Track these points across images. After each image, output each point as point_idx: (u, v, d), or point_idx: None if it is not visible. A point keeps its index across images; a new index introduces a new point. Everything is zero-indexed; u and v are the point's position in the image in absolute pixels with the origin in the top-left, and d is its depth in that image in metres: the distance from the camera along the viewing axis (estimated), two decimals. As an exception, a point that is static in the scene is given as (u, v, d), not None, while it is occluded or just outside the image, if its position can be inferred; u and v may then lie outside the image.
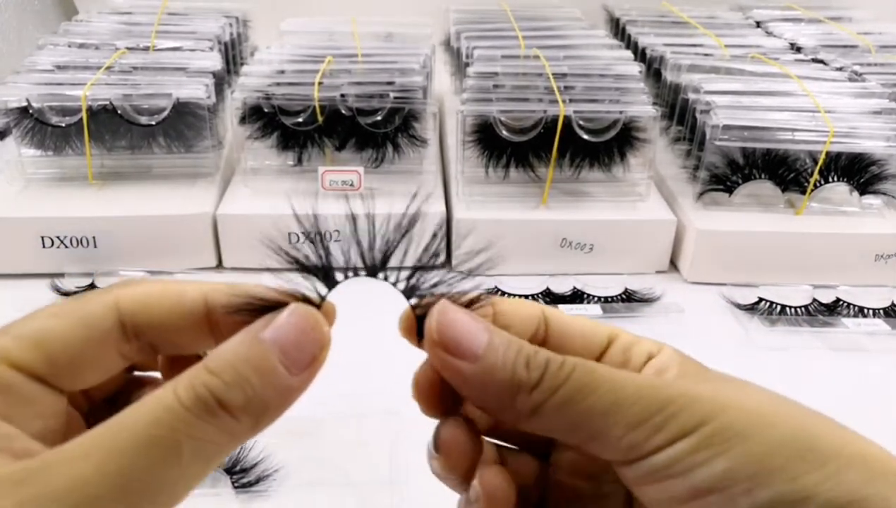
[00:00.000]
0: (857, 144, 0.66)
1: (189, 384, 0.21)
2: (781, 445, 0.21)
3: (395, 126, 0.68)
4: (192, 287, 0.26)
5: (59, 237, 0.65)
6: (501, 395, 0.23)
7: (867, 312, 0.63)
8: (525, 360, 0.23)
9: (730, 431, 0.21)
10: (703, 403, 0.22)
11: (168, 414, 0.20)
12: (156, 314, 0.25)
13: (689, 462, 0.21)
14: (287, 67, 0.73)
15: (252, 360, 0.22)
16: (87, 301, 0.25)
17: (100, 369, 0.25)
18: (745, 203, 0.69)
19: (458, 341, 0.24)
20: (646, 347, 0.27)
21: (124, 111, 0.67)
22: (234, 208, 0.67)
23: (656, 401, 0.22)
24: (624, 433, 0.22)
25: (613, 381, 0.23)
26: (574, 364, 0.23)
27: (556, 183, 0.69)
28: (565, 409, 0.23)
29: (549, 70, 0.72)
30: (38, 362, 0.23)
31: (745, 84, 0.73)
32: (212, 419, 0.21)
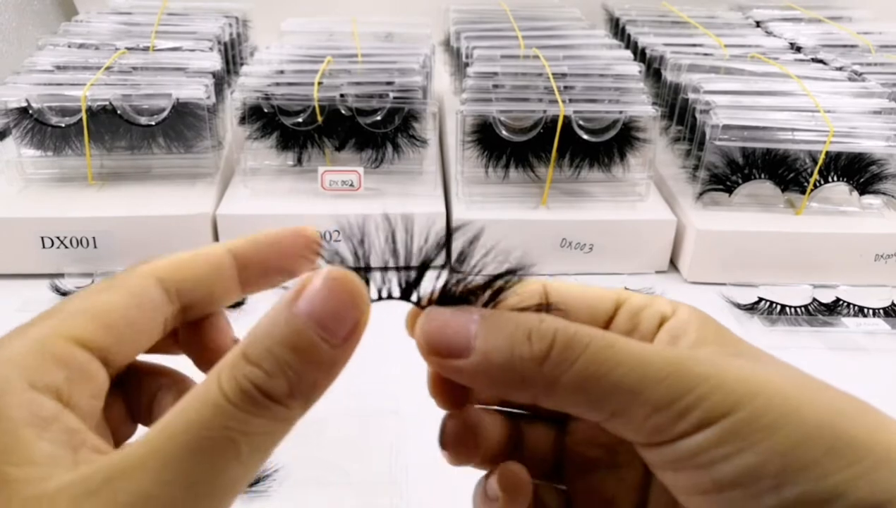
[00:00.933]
0: (857, 144, 0.66)
1: (231, 376, 0.20)
2: (811, 439, 0.20)
3: (394, 126, 0.68)
4: (216, 245, 0.27)
5: (59, 237, 0.65)
6: (509, 377, 0.22)
7: (867, 312, 0.63)
8: (525, 334, 0.22)
9: (758, 423, 0.20)
10: (731, 387, 0.21)
11: (218, 414, 0.20)
12: (191, 273, 0.26)
13: (714, 455, 0.20)
14: (287, 67, 0.73)
15: (289, 341, 0.21)
16: (127, 274, 0.25)
17: (147, 338, 0.25)
18: (744, 203, 0.69)
19: (445, 342, 0.23)
20: (657, 309, 0.26)
21: (124, 111, 0.67)
22: (234, 208, 0.67)
23: (684, 381, 0.21)
24: (648, 414, 0.21)
25: (638, 356, 0.21)
26: (590, 335, 0.22)
27: (556, 183, 0.69)
28: (585, 385, 0.21)
29: (548, 70, 0.72)
30: (100, 337, 0.23)
31: (745, 84, 0.73)
32: (262, 411, 0.20)
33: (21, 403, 0.20)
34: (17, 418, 0.20)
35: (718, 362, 0.22)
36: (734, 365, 0.22)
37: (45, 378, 0.21)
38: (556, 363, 0.22)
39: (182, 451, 0.19)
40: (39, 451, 0.20)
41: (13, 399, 0.20)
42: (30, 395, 0.21)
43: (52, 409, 0.21)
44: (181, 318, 0.27)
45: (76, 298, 0.24)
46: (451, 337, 0.23)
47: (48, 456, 0.20)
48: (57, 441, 0.20)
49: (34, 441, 0.20)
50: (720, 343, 0.24)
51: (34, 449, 0.20)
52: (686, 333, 0.24)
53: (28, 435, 0.20)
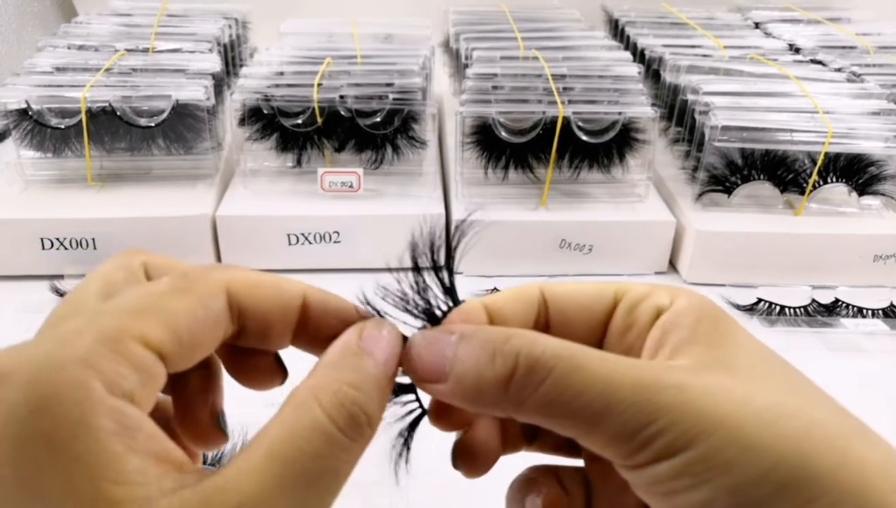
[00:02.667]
0: (856, 145, 0.66)
1: (337, 401, 0.21)
2: (767, 476, 0.20)
3: (394, 127, 0.68)
4: (292, 282, 0.26)
5: (59, 238, 0.65)
6: (479, 400, 0.23)
7: (866, 313, 0.63)
8: (490, 355, 0.22)
9: (714, 459, 0.20)
10: (692, 421, 0.21)
11: (329, 443, 0.20)
12: (260, 301, 0.25)
13: (672, 486, 0.21)
14: (286, 69, 0.73)
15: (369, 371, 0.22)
16: (198, 280, 0.24)
17: (206, 350, 0.24)
18: (744, 204, 0.69)
19: (424, 368, 0.24)
20: (655, 301, 0.26)
21: (124, 113, 0.67)
22: (234, 210, 0.67)
23: (647, 412, 0.21)
24: (611, 441, 0.21)
25: (604, 382, 0.21)
26: (556, 358, 0.22)
27: (556, 184, 0.69)
28: (549, 410, 0.22)
29: (548, 71, 0.72)
30: (168, 341, 0.22)
31: (744, 85, 0.73)
32: (361, 437, 0.21)
33: (105, 411, 0.19)
34: (105, 428, 0.19)
35: (686, 386, 0.21)
36: (701, 389, 0.21)
37: (123, 383, 0.20)
38: (521, 386, 0.22)
39: (297, 481, 0.20)
40: (131, 465, 0.19)
41: (97, 406, 0.19)
42: (112, 402, 0.19)
43: (135, 417, 0.20)
44: (233, 339, 0.26)
45: (139, 296, 0.23)
46: (429, 363, 0.24)
47: (140, 472, 0.19)
48: (144, 453, 0.19)
49: (125, 455, 0.19)
50: (709, 342, 0.24)
51: (126, 464, 0.18)
52: (677, 329, 0.24)
53: (118, 448, 0.19)
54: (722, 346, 0.24)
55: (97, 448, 0.18)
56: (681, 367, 0.23)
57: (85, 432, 0.18)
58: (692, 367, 0.23)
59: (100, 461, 0.18)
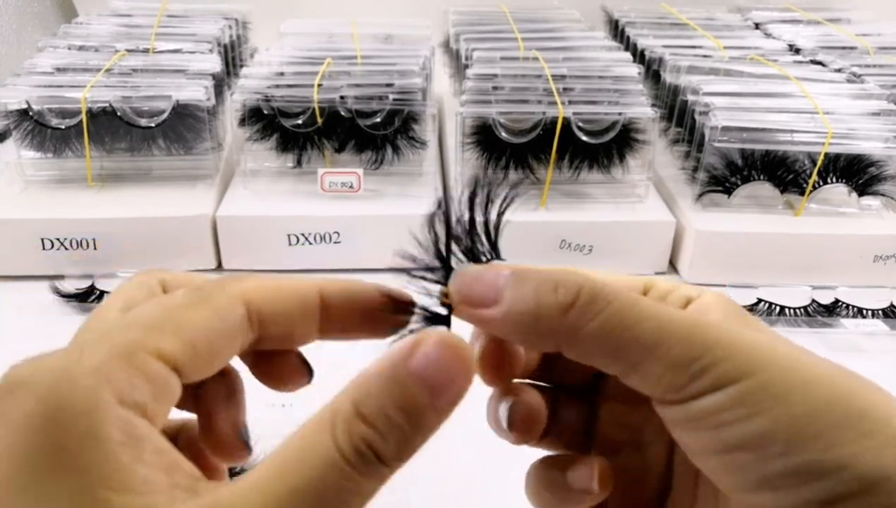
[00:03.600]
0: (856, 145, 0.66)
1: (346, 434, 0.20)
2: (821, 410, 0.20)
3: (394, 128, 0.68)
4: (306, 281, 0.26)
5: (59, 239, 0.65)
6: (535, 326, 0.23)
7: (866, 313, 0.63)
8: (552, 285, 0.23)
9: (771, 389, 0.21)
10: (747, 354, 0.21)
11: (336, 474, 0.20)
12: (280, 306, 0.25)
13: (725, 417, 0.21)
14: (286, 69, 0.73)
15: (403, 404, 0.21)
16: (215, 292, 0.24)
17: (223, 360, 0.24)
18: (744, 204, 0.69)
19: (476, 292, 0.24)
20: (683, 293, 0.27)
21: (124, 113, 0.67)
22: (234, 210, 0.67)
23: (701, 343, 0.21)
24: (664, 372, 0.22)
25: (658, 316, 0.22)
26: (616, 293, 0.22)
27: (556, 184, 0.69)
28: (606, 338, 0.22)
29: (548, 71, 0.72)
30: (182, 354, 0.22)
31: (744, 85, 0.73)
32: (372, 472, 0.20)
33: (114, 422, 0.19)
34: (113, 438, 0.19)
35: (737, 331, 0.22)
36: (752, 335, 0.22)
37: (135, 395, 0.20)
38: (580, 313, 0.22)
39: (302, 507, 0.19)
40: (137, 476, 0.19)
41: (106, 416, 0.19)
42: (121, 413, 0.19)
43: (144, 429, 0.20)
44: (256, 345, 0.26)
45: (156, 309, 0.23)
46: (482, 287, 0.24)
47: (146, 483, 0.19)
48: (151, 465, 0.19)
49: (132, 465, 0.19)
50: (742, 322, 0.25)
51: (132, 474, 0.19)
52: (711, 310, 0.26)
53: (125, 458, 0.19)
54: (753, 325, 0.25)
55: (104, 458, 0.19)
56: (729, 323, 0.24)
57: (93, 443, 0.19)
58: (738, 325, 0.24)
59: (106, 471, 0.18)
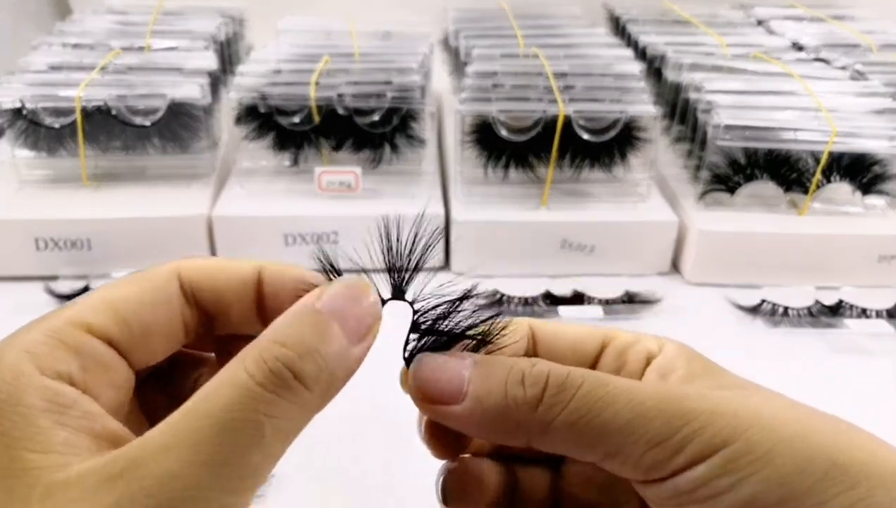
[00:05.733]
0: (860, 144, 0.65)
1: (260, 358, 0.20)
2: (808, 465, 0.20)
3: (392, 126, 0.68)
4: (247, 261, 0.26)
5: (54, 239, 0.64)
6: (503, 422, 0.23)
7: (870, 313, 0.62)
8: (519, 377, 0.23)
9: (754, 453, 0.21)
10: (724, 420, 0.21)
11: (245, 395, 0.20)
12: (213, 282, 0.25)
13: (714, 488, 0.21)
14: (283, 67, 0.72)
15: (317, 330, 0.21)
16: (149, 271, 0.25)
17: (166, 337, 0.25)
18: (747, 203, 0.68)
19: (439, 388, 0.23)
20: (644, 346, 0.26)
21: (119, 112, 0.66)
22: (230, 209, 0.66)
23: (678, 416, 0.21)
24: (644, 451, 0.21)
25: (630, 394, 0.22)
26: (582, 376, 0.22)
27: (557, 183, 0.68)
28: (579, 426, 0.22)
29: (548, 69, 0.71)
30: (114, 326, 0.23)
31: (747, 83, 0.72)
32: (288, 394, 0.20)
33: (36, 390, 0.20)
34: (34, 405, 0.20)
35: (709, 396, 0.22)
36: (725, 397, 0.22)
37: (57, 365, 0.21)
38: (550, 405, 0.22)
39: (208, 432, 0.19)
40: (58, 438, 0.20)
41: (28, 386, 0.20)
42: (44, 381, 0.21)
43: (69, 395, 0.21)
44: (208, 328, 0.26)
45: (95, 290, 0.24)
46: (445, 382, 0.23)
47: (67, 444, 0.20)
48: (75, 428, 0.20)
49: (52, 428, 0.20)
50: (709, 377, 0.25)
51: (53, 436, 0.20)
52: (674, 369, 0.25)
53: (45, 422, 0.20)
54: (720, 377, 0.25)
55: (23, 423, 0.20)
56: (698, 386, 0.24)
57: (11, 409, 0.20)
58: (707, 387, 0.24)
59: (24, 434, 0.19)
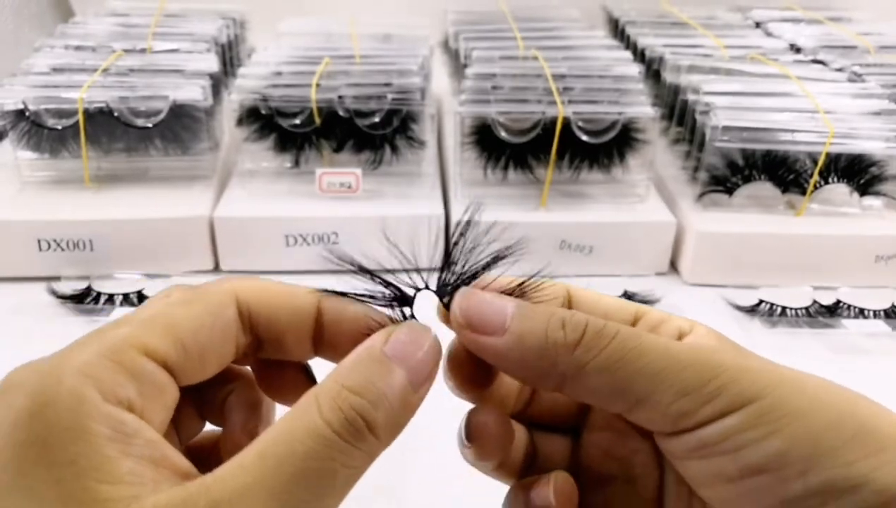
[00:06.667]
0: (857, 145, 0.65)
1: (336, 406, 0.21)
2: (836, 426, 0.20)
3: (393, 127, 0.68)
4: (305, 289, 0.26)
5: (56, 240, 0.64)
6: (539, 361, 0.23)
7: (867, 314, 0.63)
8: (559, 322, 0.23)
9: (784, 408, 0.21)
10: (755, 375, 0.21)
11: (324, 445, 0.20)
12: (271, 307, 0.25)
13: (741, 439, 0.21)
14: (284, 69, 0.73)
15: (386, 378, 0.22)
16: (208, 290, 0.24)
17: (218, 360, 0.25)
18: (745, 204, 0.69)
19: (483, 318, 0.24)
20: (675, 324, 0.27)
21: (121, 113, 0.66)
22: (231, 211, 0.66)
23: (708, 368, 0.21)
24: (673, 399, 0.21)
25: (662, 346, 0.22)
26: (618, 327, 0.23)
27: (556, 184, 0.68)
28: (611, 371, 0.22)
29: (547, 71, 0.71)
30: (171, 350, 0.22)
31: (745, 85, 0.72)
32: (361, 443, 0.21)
33: (101, 417, 0.20)
34: (100, 433, 0.20)
35: (739, 356, 0.23)
36: (755, 359, 0.23)
37: (118, 391, 0.21)
38: (587, 348, 0.22)
39: (289, 481, 0.19)
40: (125, 468, 0.19)
41: (92, 413, 0.20)
42: (108, 409, 0.20)
43: (132, 424, 0.20)
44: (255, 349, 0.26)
45: (149, 307, 0.24)
46: (489, 314, 0.24)
47: (133, 474, 0.19)
48: (139, 457, 0.20)
49: (119, 458, 0.19)
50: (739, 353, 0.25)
51: (121, 466, 0.19)
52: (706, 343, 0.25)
53: (112, 451, 0.19)
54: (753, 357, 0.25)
55: (90, 451, 0.19)
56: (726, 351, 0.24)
57: (78, 436, 0.19)
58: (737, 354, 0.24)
59: (92, 463, 0.19)
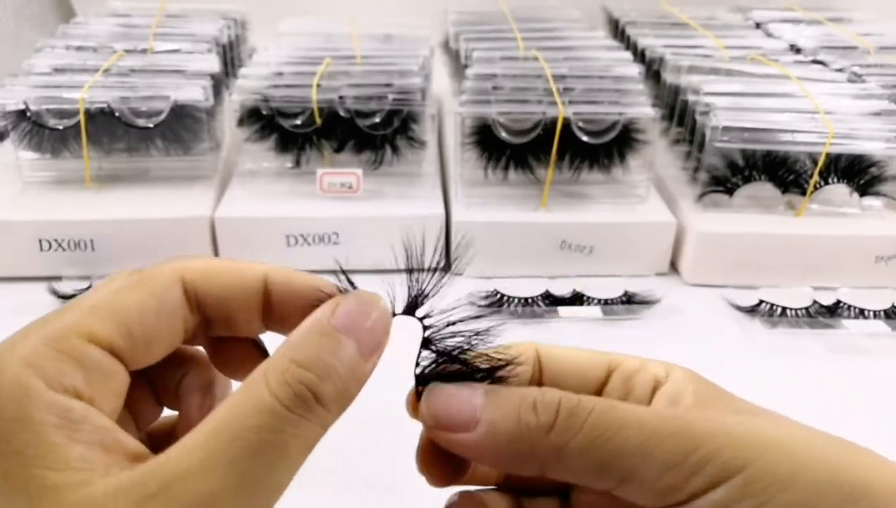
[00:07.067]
0: (857, 146, 0.65)
1: (283, 380, 0.21)
2: (829, 488, 0.20)
3: (393, 128, 0.68)
4: (252, 265, 0.26)
5: (57, 240, 0.64)
6: (515, 448, 0.23)
7: (867, 314, 0.63)
8: (531, 404, 0.23)
9: (772, 476, 0.20)
10: (739, 442, 0.21)
11: (272, 417, 0.20)
12: (218, 286, 0.25)
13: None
14: (285, 69, 0.73)
15: (334, 350, 0.22)
16: (153, 273, 0.24)
17: (166, 342, 0.25)
18: (745, 204, 0.69)
19: (452, 416, 0.23)
20: (651, 373, 0.26)
21: (122, 113, 0.67)
22: (232, 211, 0.66)
23: (690, 438, 0.21)
24: (658, 474, 0.21)
25: (642, 417, 0.22)
26: (593, 402, 0.22)
27: (556, 184, 0.69)
28: (592, 450, 0.22)
29: (548, 71, 0.71)
30: (116, 335, 0.22)
31: (745, 85, 0.72)
32: (310, 414, 0.21)
33: (46, 406, 0.20)
34: (45, 421, 0.20)
35: (722, 420, 0.22)
36: (737, 421, 0.22)
37: (63, 379, 0.21)
38: (563, 429, 0.22)
39: (241, 455, 0.20)
40: (73, 454, 0.19)
41: (37, 402, 0.20)
42: (53, 397, 0.20)
43: (79, 411, 0.20)
44: (205, 329, 0.26)
45: (94, 293, 0.23)
46: (457, 410, 0.23)
47: (83, 459, 0.19)
48: (89, 443, 0.20)
49: (67, 445, 0.20)
50: (718, 403, 0.24)
51: (69, 453, 0.19)
52: (683, 396, 0.25)
53: (59, 439, 0.20)
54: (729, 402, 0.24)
55: (35, 440, 0.19)
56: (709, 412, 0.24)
57: (23, 426, 0.19)
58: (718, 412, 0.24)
59: (38, 452, 0.19)
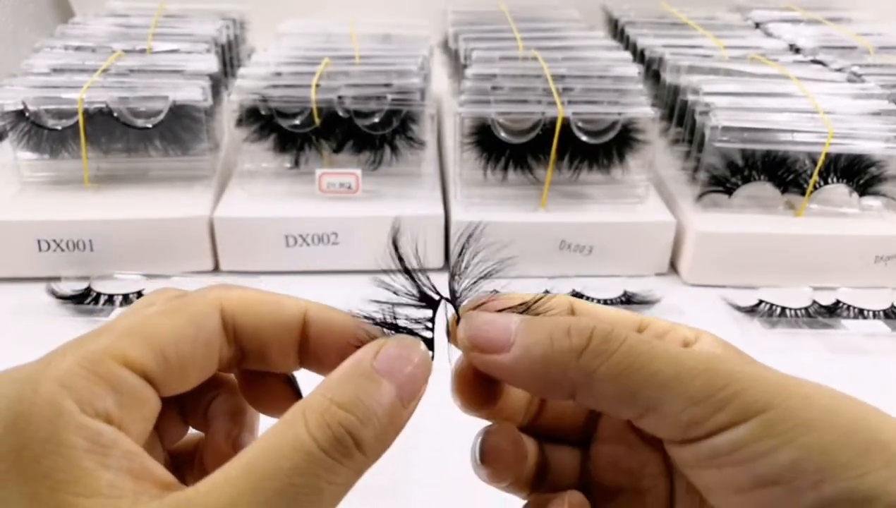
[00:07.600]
0: (857, 145, 0.65)
1: (322, 421, 0.20)
2: (848, 437, 0.20)
3: (392, 128, 0.68)
4: (293, 300, 0.26)
5: (56, 240, 0.64)
6: (548, 370, 0.23)
7: (867, 314, 0.63)
8: (565, 329, 0.23)
9: (796, 418, 0.20)
10: (766, 385, 0.21)
11: (308, 461, 0.20)
12: (256, 318, 0.25)
13: (754, 450, 0.20)
14: (284, 69, 0.73)
15: (374, 393, 0.21)
16: (192, 300, 0.24)
17: (200, 371, 0.24)
18: (744, 204, 0.69)
19: (489, 338, 0.24)
20: (681, 333, 0.26)
21: (121, 114, 0.66)
22: (231, 211, 0.66)
23: (719, 376, 0.21)
24: (684, 406, 0.21)
25: (672, 353, 0.22)
26: (626, 333, 0.22)
27: (555, 185, 0.68)
28: (622, 377, 0.22)
29: (547, 71, 0.71)
30: (150, 360, 0.22)
31: (745, 85, 0.72)
32: (348, 459, 0.20)
33: (77, 429, 0.19)
34: (77, 445, 0.19)
35: (751, 366, 0.22)
36: (766, 368, 0.23)
37: (96, 402, 0.20)
38: (595, 354, 0.22)
39: (274, 496, 0.19)
40: (103, 480, 0.19)
41: (70, 424, 0.19)
42: (84, 420, 0.20)
43: (109, 435, 0.20)
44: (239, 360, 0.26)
45: (131, 315, 0.23)
46: (494, 333, 0.24)
47: (112, 486, 0.19)
48: (118, 469, 0.19)
49: (97, 471, 0.19)
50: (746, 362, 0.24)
51: (99, 479, 0.19)
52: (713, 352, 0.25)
53: (90, 464, 0.19)
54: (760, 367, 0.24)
55: (67, 464, 0.19)
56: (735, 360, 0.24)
57: (54, 449, 0.19)
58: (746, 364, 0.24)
59: (68, 476, 0.19)
